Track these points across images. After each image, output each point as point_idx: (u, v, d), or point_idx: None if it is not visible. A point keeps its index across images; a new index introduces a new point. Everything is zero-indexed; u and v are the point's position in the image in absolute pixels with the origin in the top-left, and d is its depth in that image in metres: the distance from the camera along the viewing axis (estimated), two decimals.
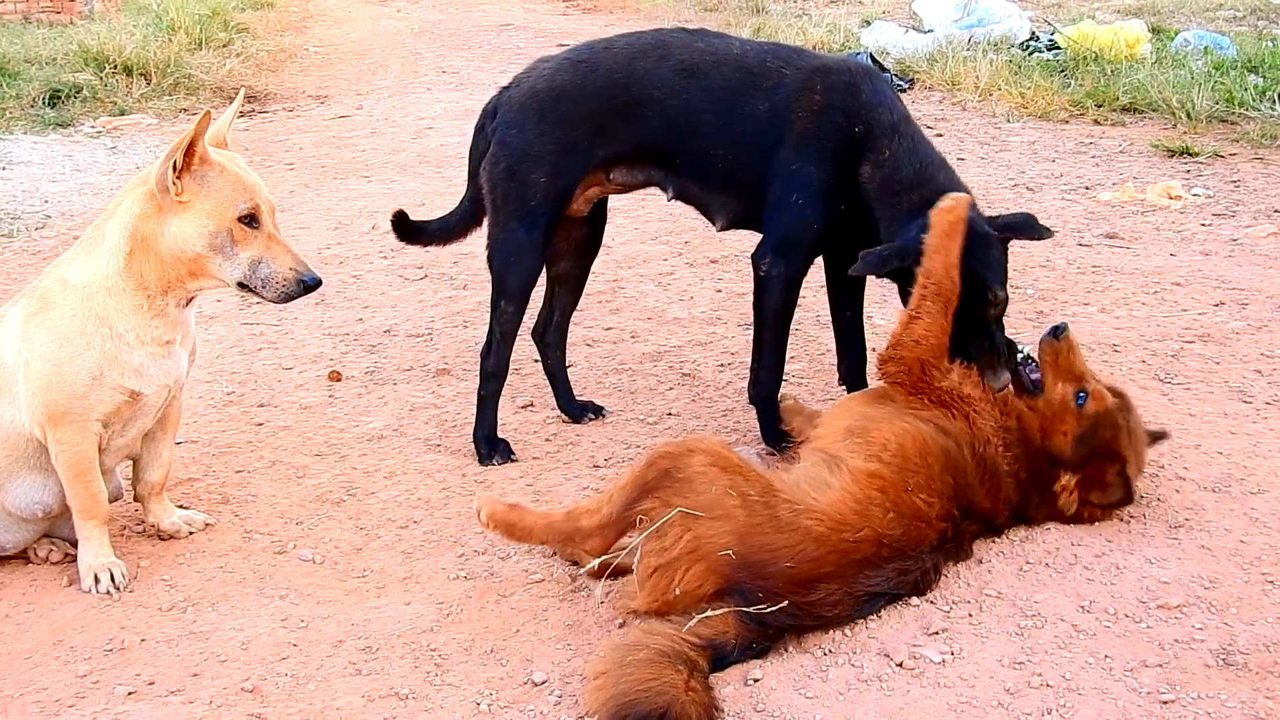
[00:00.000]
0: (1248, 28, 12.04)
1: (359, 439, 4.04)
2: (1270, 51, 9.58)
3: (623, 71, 3.83)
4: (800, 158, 3.68)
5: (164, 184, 3.05)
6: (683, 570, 2.75)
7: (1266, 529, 3.21)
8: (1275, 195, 6.37)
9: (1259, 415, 3.89)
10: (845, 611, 2.81)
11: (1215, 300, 4.92)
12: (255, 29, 13.79)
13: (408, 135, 8.93)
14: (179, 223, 3.07)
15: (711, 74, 3.78)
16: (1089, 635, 2.80)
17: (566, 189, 3.87)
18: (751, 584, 2.74)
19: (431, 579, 3.21)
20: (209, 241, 3.09)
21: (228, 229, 3.09)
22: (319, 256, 5.97)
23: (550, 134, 3.83)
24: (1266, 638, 2.75)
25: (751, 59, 3.80)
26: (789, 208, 3.69)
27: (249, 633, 2.98)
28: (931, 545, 2.95)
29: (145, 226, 3.09)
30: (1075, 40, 10.06)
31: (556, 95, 3.85)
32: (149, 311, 3.13)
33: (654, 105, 3.79)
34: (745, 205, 3.84)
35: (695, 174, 3.87)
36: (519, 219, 3.87)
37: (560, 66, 3.93)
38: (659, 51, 3.84)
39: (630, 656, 2.60)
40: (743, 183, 3.79)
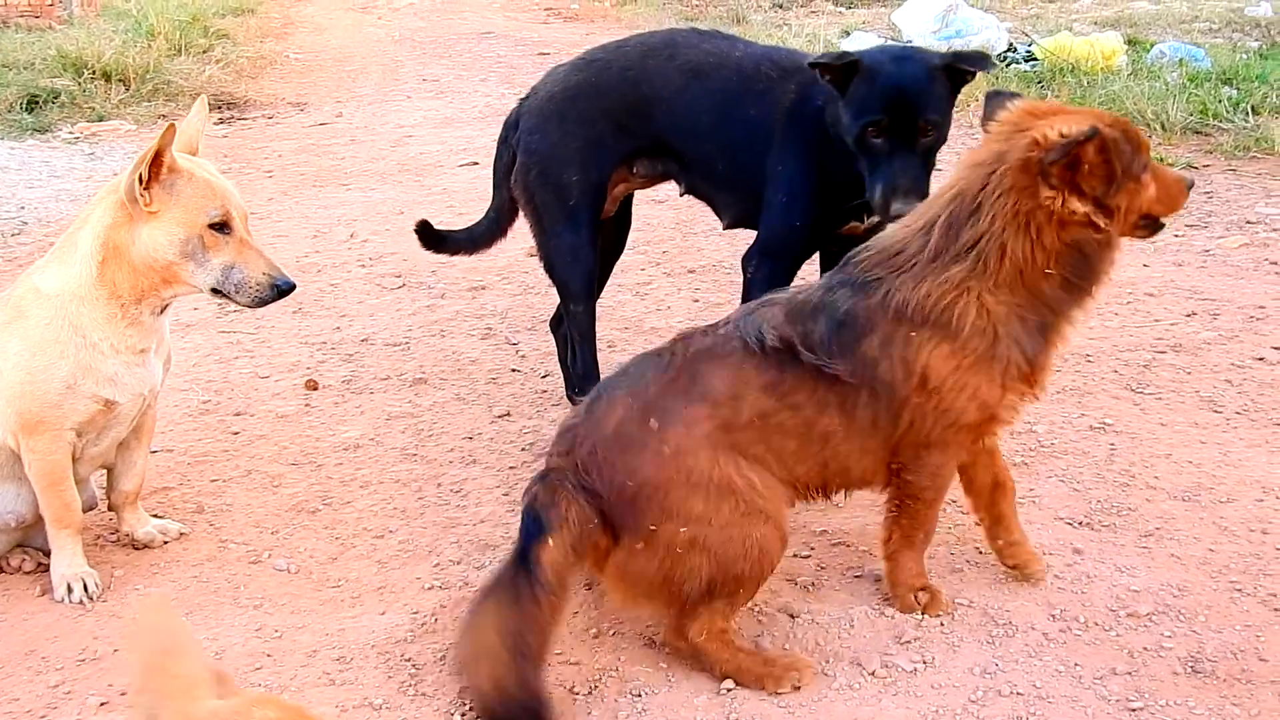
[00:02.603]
0: (1223, 40, 12.10)
1: (335, 448, 4.04)
2: (1244, 64, 9.64)
3: (635, 68, 3.89)
4: (782, 159, 3.69)
5: (132, 194, 3.06)
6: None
7: (1235, 538, 3.25)
8: (1248, 207, 6.41)
9: (1229, 425, 3.92)
10: None
11: (1187, 310, 4.96)
12: (235, 35, 13.77)
13: (387, 143, 8.93)
14: (150, 231, 3.08)
15: (713, 76, 3.81)
16: (1059, 643, 2.83)
17: (600, 183, 3.93)
18: None
19: (406, 589, 3.21)
20: (180, 249, 3.10)
21: (199, 236, 3.10)
22: (296, 265, 5.96)
23: (574, 133, 3.89)
24: (1234, 645, 2.79)
25: (748, 63, 3.82)
26: (776, 210, 3.70)
27: (223, 643, 2.98)
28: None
29: (117, 235, 3.09)
30: (1052, 51, 10.11)
31: (574, 95, 3.92)
32: (123, 320, 3.13)
33: (662, 103, 3.85)
34: (746, 205, 3.86)
35: (701, 171, 3.92)
36: (564, 221, 3.94)
37: (575, 67, 4.01)
38: (668, 50, 3.89)
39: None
40: (742, 183, 3.82)
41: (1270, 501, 3.43)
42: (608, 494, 2.66)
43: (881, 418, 2.75)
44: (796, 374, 2.71)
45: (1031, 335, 2.74)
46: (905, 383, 2.71)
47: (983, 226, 2.69)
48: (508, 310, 5.30)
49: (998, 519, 3.08)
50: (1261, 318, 4.84)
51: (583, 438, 2.73)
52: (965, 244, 2.70)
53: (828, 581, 3.14)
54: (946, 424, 2.75)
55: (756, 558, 2.68)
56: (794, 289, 2.88)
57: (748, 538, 2.67)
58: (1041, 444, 3.82)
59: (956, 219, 2.72)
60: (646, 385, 2.73)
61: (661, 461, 2.65)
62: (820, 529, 3.39)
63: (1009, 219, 2.67)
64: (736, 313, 2.88)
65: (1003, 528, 3.08)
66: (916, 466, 2.84)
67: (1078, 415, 4.01)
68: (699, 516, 2.64)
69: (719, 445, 2.68)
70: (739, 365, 2.72)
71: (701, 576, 2.67)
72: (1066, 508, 3.45)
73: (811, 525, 3.41)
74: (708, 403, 2.69)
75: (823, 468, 2.81)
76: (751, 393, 2.71)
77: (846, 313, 2.72)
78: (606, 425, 2.71)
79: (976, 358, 2.70)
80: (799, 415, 2.73)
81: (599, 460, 2.68)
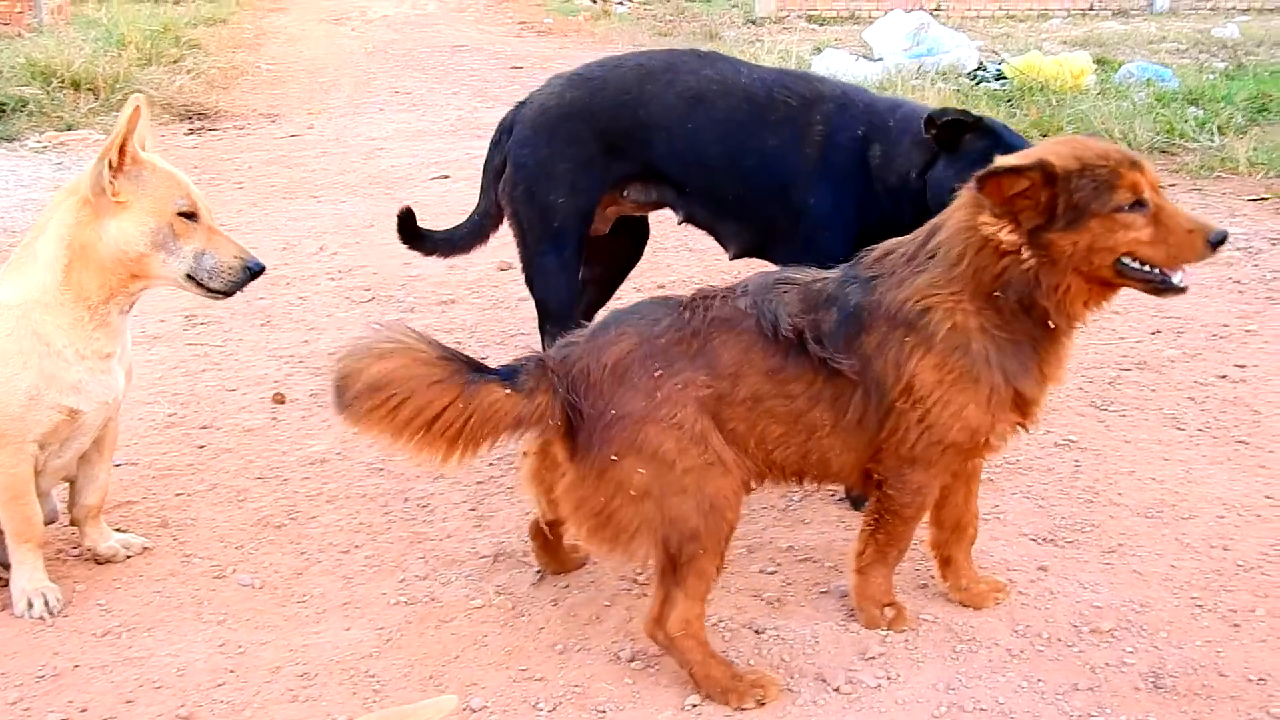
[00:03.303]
0: (1190, 60, 12.22)
1: (302, 462, 4.03)
2: (1210, 85, 9.74)
3: (632, 92, 3.82)
4: (817, 193, 3.64)
5: (100, 185, 3.05)
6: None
7: (1197, 554, 3.28)
8: None
9: (1192, 442, 3.96)
10: None
11: (1152, 328, 5.00)
12: (207, 45, 13.72)
13: (358, 156, 8.91)
14: (119, 224, 3.07)
15: (718, 103, 3.74)
16: (1022, 659, 2.85)
17: (587, 207, 3.90)
18: None
19: (372, 604, 3.20)
20: (151, 239, 3.09)
21: (169, 224, 3.11)
22: (265, 278, 5.79)
23: (563, 152, 3.84)
24: (1195, 661, 2.81)
25: (758, 89, 3.74)
26: (819, 244, 3.52)
27: (185, 659, 2.96)
28: None
29: (82, 234, 3.07)
30: (1022, 70, 10.19)
31: (565, 113, 3.87)
32: (90, 323, 3.11)
33: (660, 131, 3.79)
34: (758, 236, 3.82)
35: (704, 201, 3.85)
36: (547, 241, 3.92)
37: (571, 83, 3.94)
38: (667, 75, 3.82)
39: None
40: (755, 214, 3.76)
41: (1231, 518, 3.47)
42: (587, 413, 2.69)
43: (869, 418, 2.78)
44: (799, 364, 2.75)
45: (1011, 360, 2.75)
46: (894, 386, 2.74)
47: (941, 237, 2.76)
48: (477, 325, 5.30)
49: (947, 561, 3.11)
50: (1224, 336, 4.89)
51: (579, 356, 2.76)
52: (930, 251, 2.77)
53: (793, 597, 3.15)
54: (931, 440, 2.77)
55: (708, 511, 2.68)
56: (812, 272, 2.89)
57: (701, 490, 2.68)
58: (1007, 460, 3.84)
59: (933, 228, 2.80)
60: (658, 334, 2.75)
61: (649, 404, 2.68)
62: (787, 545, 3.40)
63: (958, 235, 2.73)
64: (754, 282, 2.87)
65: (950, 571, 3.11)
66: (899, 483, 2.85)
67: (1043, 432, 4.03)
68: (663, 458, 2.67)
69: (705, 409, 2.71)
70: (749, 346, 2.75)
71: (654, 529, 2.69)
72: (1031, 524, 3.48)
73: (778, 541, 3.43)
74: (710, 372, 2.72)
75: (803, 458, 2.84)
76: (753, 375, 2.74)
77: (856, 306, 2.76)
78: (607, 354, 2.73)
79: (959, 373, 2.72)
80: (791, 404, 2.77)
81: (590, 382, 2.72)
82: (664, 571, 2.73)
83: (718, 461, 2.71)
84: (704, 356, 2.73)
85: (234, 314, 5.43)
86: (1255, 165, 7.48)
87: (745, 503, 2.83)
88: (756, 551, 3.37)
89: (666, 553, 2.70)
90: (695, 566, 2.70)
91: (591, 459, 2.69)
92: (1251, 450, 3.89)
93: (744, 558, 3.34)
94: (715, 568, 2.75)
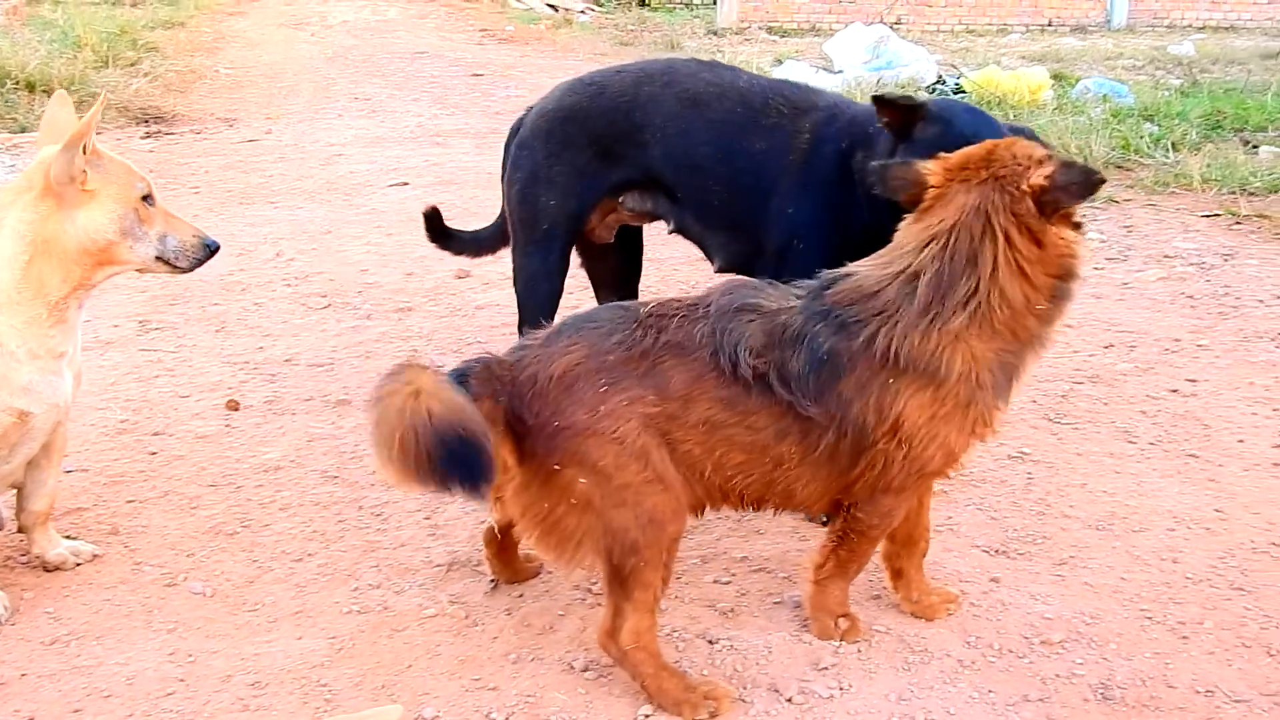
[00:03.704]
0: (1146, 77, 12.36)
1: (255, 469, 4.00)
2: (1166, 101, 9.85)
3: (628, 96, 3.83)
4: (796, 202, 3.61)
5: (68, 176, 3.03)
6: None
7: (1147, 566, 3.31)
8: (1166, 241, 6.55)
9: (1143, 455, 3.99)
10: None
11: (1105, 342, 5.05)
12: (165, 48, 13.64)
13: (317, 162, 8.87)
14: (86, 214, 3.07)
15: (713, 105, 3.74)
16: (974, 670, 2.87)
17: (578, 212, 3.91)
18: None
19: (324, 613, 3.18)
20: (119, 225, 3.10)
21: (134, 210, 3.13)
22: (221, 283, 5.91)
23: (558, 156, 3.87)
24: (1143, 673, 2.84)
25: (754, 94, 3.74)
26: (795, 255, 3.54)
27: (134, 667, 2.93)
28: None
29: (45, 229, 3.04)
30: (980, 85, 10.27)
31: (564, 117, 3.89)
32: (48, 320, 3.08)
33: (655, 132, 3.78)
34: (742, 248, 3.79)
35: (695, 209, 3.84)
36: (533, 244, 3.95)
37: (570, 88, 3.97)
38: (665, 78, 3.83)
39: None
40: (739, 224, 3.75)
41: (1181, 531, 3.50)
42: (532, 421, 2.68)
43: (843, 455, 2.75)
44: (763, 398, 2.71)
45: (1007, 379, 2.76)
46: (877, 427, 2.71)
47: (982, 277, 2.67)
48: (434, 332, 5.28)
49: (899, 573, 3.11)
50: (1176, 350, 4.94)
51: (529, 362, 2.75)
52: (963, 297, 2.67)
53: (747, 608, 3.15)
54: (911, 471, 2.76)
55: (646, 525, 2.67)
56: (777, 294, 2.83)
57: (640, 505, 2.67)
58: (960, 472, 3.85)
59: (948, 273, 2.68)
60: (608, 349, 2.72)
61: (592, 416, 2.66)
62: (741, 555, 3.41)
63: (1006, 265, 2.67)
64: (716, 303, 2.80)
65: (902, 584, 3.11)
66: (870, 506, 2.85)
67: (996, 444, 4.04)
68: (603, 470, 2.65)
69: (651, 427, 2.69)
70: (701, 373, 2.71)
71: (596, 539, 2.69)
72: (984, 536, 3.50)
73: (732, 551, 3.43)
74: (658, 393, 2.69)
75: (766, 486, 2.82)
76: (706, 400, 2.70)
77: (829, 350, 2.69)
78: (556, 364, 2.71)
79: (954, 405, 2.70)
80: (756, 436, 2.73)
81: (537, 390, 2.70)
82: (611, 584, 2.73)
83: (657, 479, 2.68)
84: (653, 378, 2.70)
85: (188, 320, 5.40)
86: (1209, 181, 7.57)
87: (705, 517, 2.84)
88: (711, 562, 3.38)
89: (610, 564, 2.70)
90: (639, 578, 2.69)
91: (537, 465, 2.68)
92: (1201, 464, 3.93)
93: (698, 568, 3.34)
94: (659, 579, 2.74)
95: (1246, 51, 14.41)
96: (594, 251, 4.18)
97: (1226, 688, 2.79)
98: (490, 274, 5.92)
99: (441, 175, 8.36)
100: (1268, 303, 5.51)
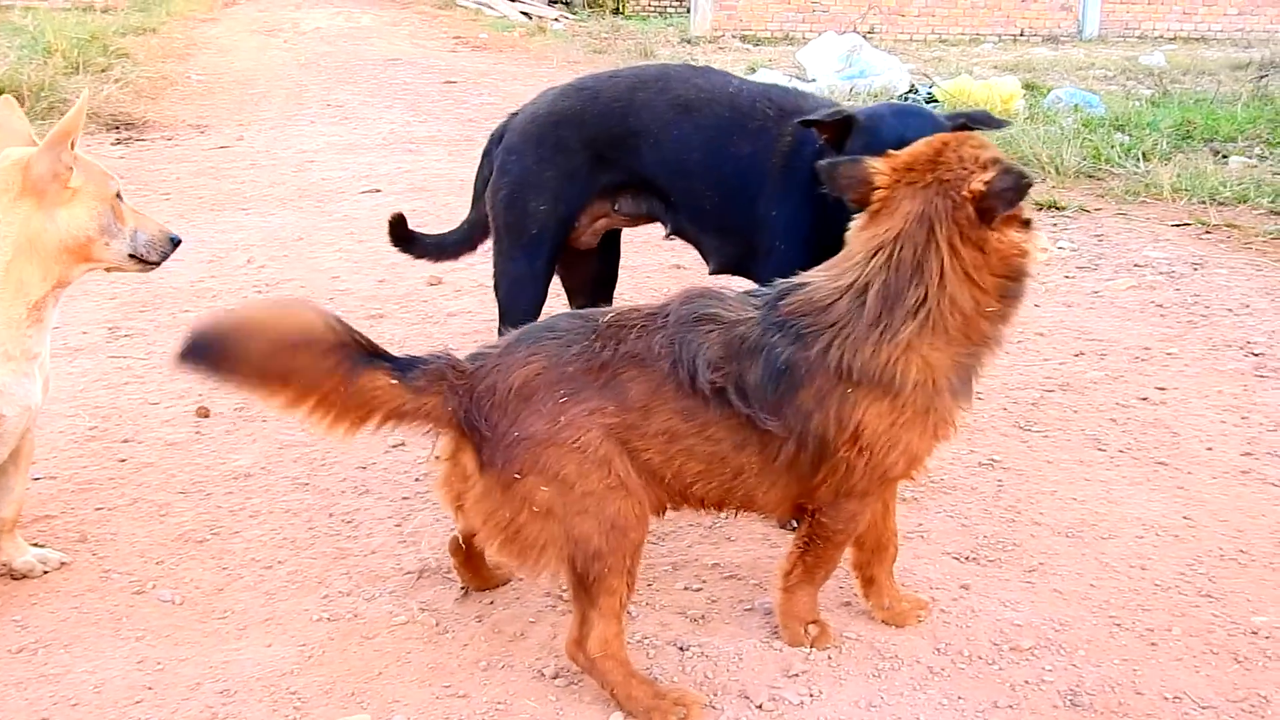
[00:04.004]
0: (1117, 87, 12.45)
1: (225, 477, 3.98)
2: (1136, 111, 9.93)
3: (623, 100, 3.83)
4: (779, 204, 3.62)
5: (53, 173, 3.05)
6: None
7: (1116, 573, 3.33)
8: (1136, 250, 6.59)
9: (1112, 463, 4.01)
10: None
11: (1076, 350, 5.07)
12: (136, 54, 13.56)
13: (289, 168, 8.84)
14: (68, 212, 3.09)
15: (704, 110, 3.76)
16: (943, 676, 2.87)
17: (567, 217, 3.90)
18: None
19: (294, 620, 3.17)
20: (99, 222, 3.14)
21: (110, 207, 3.16)
22: (191, 289, 5.89)
23: (550, 160, 3.85)
24: (1112, 679, 2.85)
25: (743, 98, 3.76)
26: (778, 257, 3.55)
27: (102, 675, 2.91)
28: None
29: (27, 228, 3.05)
30: (952, 94, 10.33)
31: (556, 121, 3.88)
32: (26, 320, 3.07)
33: (649, 138, 3.79)
34: (735, 250, 3.81)
35: (689, 212, 3.86)
36: (521, 248, 3.92)
37: (563, 93, 3.96)
38: (660, 84, 3.84)
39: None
40: (730, 226, 3.76)
41: (1150, 538, 3.52)
42: (491, 433, 2.67)
43: (803, 463, 2.75)
44: (721, 410, 2.70)
45: (965, 381, 2.76)
46: (838, 437, 2.71)
47: (930, 286, 2.66)
48: (405, 339, 5.27)
49: (869, 581, 3.11)
50: (1146, 358, 4.97)
51: (488, 372, 2.73)
52: (912, 307, 2.66)
53: (718, 615, 3.15)
54: (874, 477, 2.76)
55: (609, 531, 2.66)
56: (736, 304, 2.81)
57: (602, 512, 2.66)
58: (931, 480, 3.87)
59: (895, 284, 2.67)
60: (567, 361, 2.71)
61: (552, 426, 2.65)
62: (712, 562, 3.41)
63: (953, 273, 2.66)
64: (675, 313, 2.78)
65: (873, 590, 3.12)
66: (834, 512, 2.85)
67: (967, 452, 4.07)
68: (565, 479, 2.64)
69: (612, 436, 2.68)
70: (660, 384, 2.70)
71: (559, 547, 2.68)
72: (954, 543, 3.51)
73: (703, 558, 3.43)
74: (618, 404, 2.68)
75: (725, 493, 2.82)
76: (665, 411, 2.70)
77: (786, 362, 2.68)
78: (514, 375, 2.69)
79: (914, 412, 2.70)
80: (715, 447, 2.73)
81: (495, 400, 2.68)
82: (577, 592, 2.73)
83: (620, 485, 2.68)
84: (612, 389, 2.69)
85: (158, 326, 5.38)
86: (1179, 191, 7.62)
87: (671, 520, 2.83)
88: (681, 568, 3.38)
89: (574, 571, 2.69)
90: (604, 585, 2.69)
91: (497, 474, 2.67)
92: (1170, 471, 3.95)
93: (669, 574, 3.34)
94: (625, 586, 2.73)
95: (1217, 62, 14.55)
96: (573, 258, 4.17)
97: (1194, 694, 2.81)
98: (463, 281, 5.92)
99: (414, 182, 8.35)
100: (1236, 311, 5.55)
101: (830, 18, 17.97)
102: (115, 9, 17.55)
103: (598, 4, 22.74)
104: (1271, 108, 10.03)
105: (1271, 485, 3.85)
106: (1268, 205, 7.30)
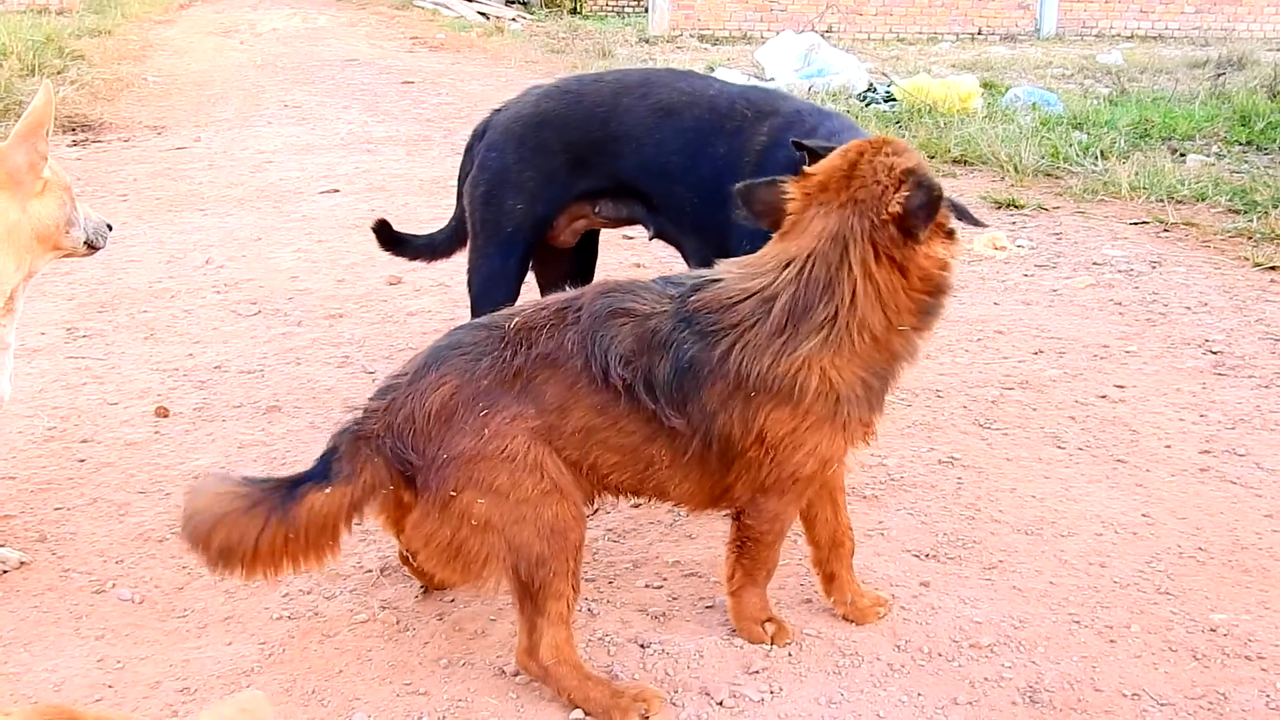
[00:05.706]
0: (1075, 86, 12.54)
1: (184, 476, 3.95)
2: (1094, 110, 10.01)
3: (606, 105, 3.84)
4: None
5: (29, 165, 3.09)
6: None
7: (1075, 570, 3.35)
8: (1094, 248, 6.64)
9: (1071, 460, 4.04)
10: None
11: (1035, 349, 5.11)
12: (92, 56, 13.45)
13: (246, 169, 8.79)
14: (40, 203, 3.14)
15: (684, 114, 3.77)
16: (903, 673, 2.89)
17: (544, 217, 3.91)
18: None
19: (254, 619, 3.15)
20: (66, 213, 3.21)
21: (70, 197, 3.23)
22: (149, 290, 5.85)
23: (529, 160, 3.86)
24: (1071, 676, 2.87)
25: (722, 100, 3.77)
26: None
27: (62, 674, 2.89)
28: None
29: (4, 220, 3.07)
30: (911, 93, 10.38)
31: (539, 122, 3.88)
32: (1, 310, 3.10)
33: (631, 142, 3.80)
34: (716, 252, 3.78)
35: (670, 215, 3.87)
36: (495, 245, 3.93)
37: (547, 94, 3.96)
38: (642, 89, 3.85)
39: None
40: (708, 227, 3.76)
41: (1109, 536, 3.55)
42: (418, 461, 2.66)
43: (712, 460, 2.77)
44: (633, 405, 2.71)
45: (874, 393, 2.76)
46: (743, 438, 2.72)
47: (840, 306, 2.65)
48: (365, 339, 5.25)
49: (830, 578, 3.12)
50: (1105, 356, 5.01)
51: (401, 403, 2.71)
52: (818, 324, 2.65)
53: (679, 612, 3.16)
54: (782, 475, 2.77)
55: (550, 535, 2.67)
56: (652, 296, 2.80)
57: (540, 517, 2.66)
58: (891, 478, 3.89)
59: (803, 299, 2.66)
60: (480, 375, 2.70)
61: (479, 441, 2.65)
62: (673, 559, 3.42)
63: (866, 296, 2.65)
64: (588, 308, 2.77)
65: (835, 587, 3.12)
66: (755, 512, 2.86)
67: (927, 449, 4.10)
68: (499, 490, 2.64)
69: (537, 438, 2.68)
70: (574, 383, 2.70)
71: (501, 558, 2.68)
72: (914, 540, 3.53)
73: (664, 556, 3.44)
74: (536, 408, 2.69)
75: (640, 483, 2.84)
76: (580, 408, 2.70)
77: (691, 359, 2.68)
78: (430, 400, 2.68)
79: (816, 419, 2.70)
80: (627, 439, 2.74)
81: (415, 429, 2.67)
82: (522, 601, 2.73)
83: (554, 489, 2.68)
84: (529, 394, 2.69)
85: (116, 327, 5.34)
86: (1136, 189, 7.69)
87: (631, 518, 2.83)
88: (642, 566, 3.38)
89: (519, 580, 2.69)
90: (550, 590, 2.69)
91: (432, 496, 2.67)
92: (1129, 469, 3.99)
93: (630, 572, 3.35)
94: (570, 589, 2.73)
95: (1174, 60, 14.69)
96: (550, 254, 4.17)
97: (1153, 691, 2.83)
98: (422, 280, 5.90)
99: (372, 182, 8.32)
100: (1195, 309, 5.60)
101: (788, 17, 18.03)
102: (70, 11, 17.40)
103: (555, 4, 22.76)
104: (1229, 106, 10.14)
105: (1230, 483, 3.89)
106: (1225, 203, 7.37)
